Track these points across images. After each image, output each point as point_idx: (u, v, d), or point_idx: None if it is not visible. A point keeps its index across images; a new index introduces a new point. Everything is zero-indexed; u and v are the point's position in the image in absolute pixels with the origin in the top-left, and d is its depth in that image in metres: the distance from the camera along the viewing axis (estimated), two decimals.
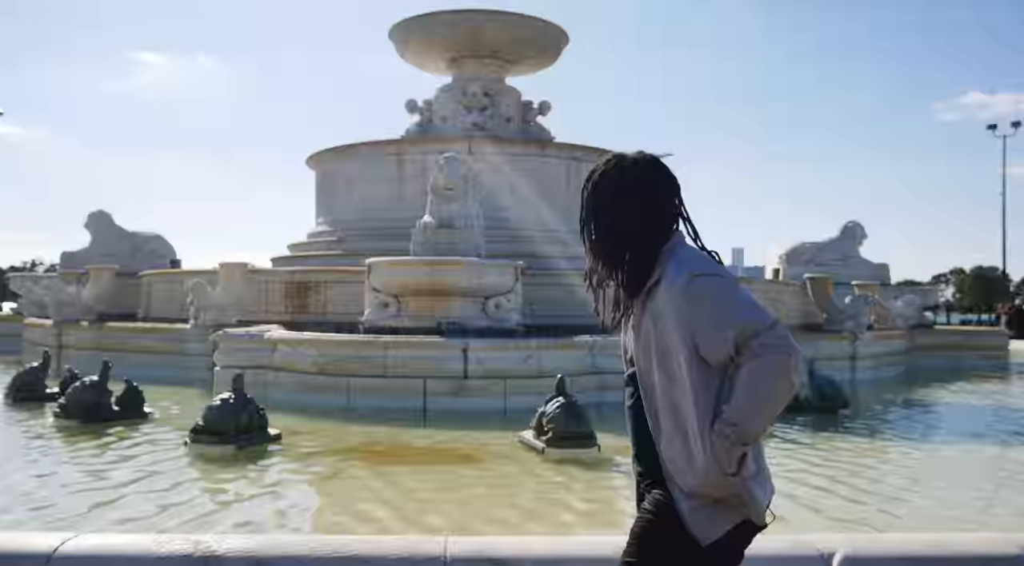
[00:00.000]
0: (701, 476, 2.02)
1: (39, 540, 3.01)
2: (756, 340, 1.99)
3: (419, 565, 2.94)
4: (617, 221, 2.18)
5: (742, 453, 1.99)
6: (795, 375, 2.00)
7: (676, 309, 2.07)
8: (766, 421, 2.02)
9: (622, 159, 2.23)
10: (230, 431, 6.29)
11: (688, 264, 2.11)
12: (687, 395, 2.06)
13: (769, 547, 3.16)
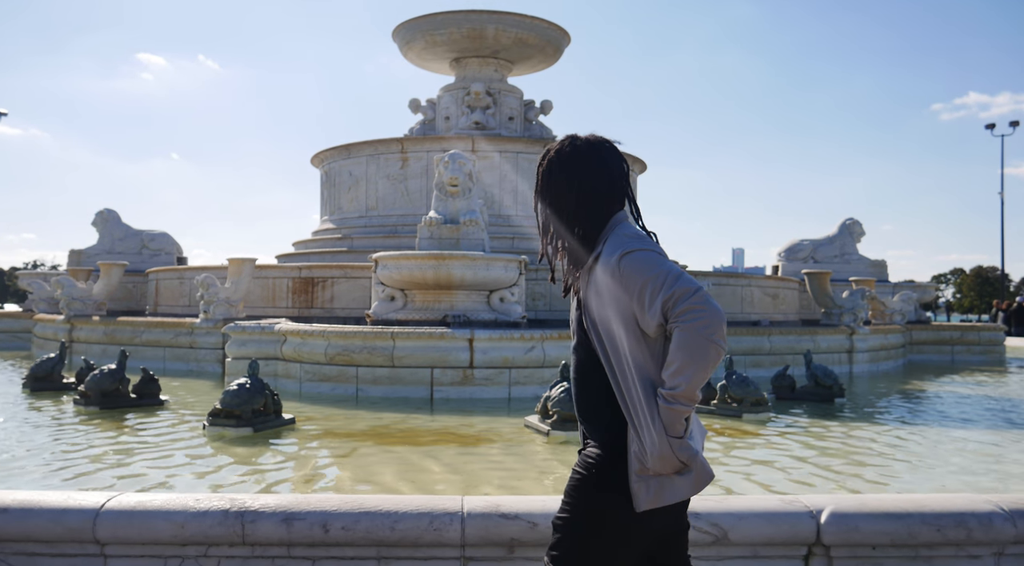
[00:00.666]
0: (648, 447, 2.17)
1: (87, 497, 3.26)
2: (681, 306, 2.15)
3: (438, 518, 3.19)
4: (566, 197, 2.36)
5: (686, 416, 2.19)
6: (719, 336, 2.15)
7: (611, 283, 2.23)
8: (700, 381, 2.17)
9: (574, 140, 2.42)
10: (247, 414, 6.53)
11: (624, 242, 2.27)
12: (628, 364, 2.22)
13: (760, 505, 3.42)
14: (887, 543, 3.29)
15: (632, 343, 2.23)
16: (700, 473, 2.24)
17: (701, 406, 8.29)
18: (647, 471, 2.20)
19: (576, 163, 2.38)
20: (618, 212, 2.39)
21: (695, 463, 2.22)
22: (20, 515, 3.15)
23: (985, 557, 3.37)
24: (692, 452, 2.21)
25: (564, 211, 2.36)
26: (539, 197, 2.43)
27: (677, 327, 2.16)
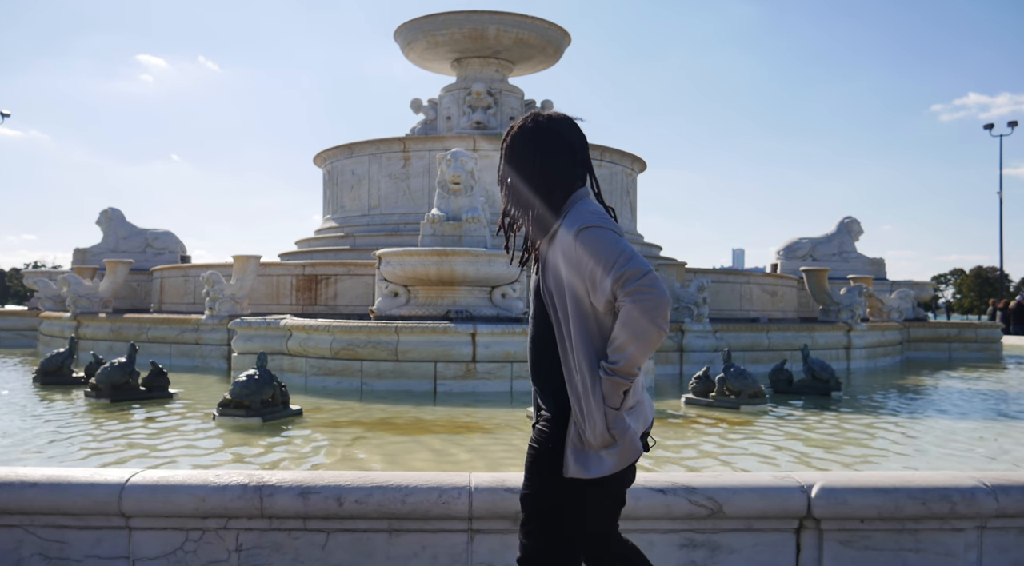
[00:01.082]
0: (586, 417, 2.32)
1: (113, 473, 3.42)
2: (631, 286, 2.26)
3: (447, 492, 3.35)
4: (529, 169, 2.47)
5: (625, 389, 2.32)
6: (662, 320, 2.28)
7: (567, 257, 2.35)
8: (641, 359, 2.31)
9: (537, 116, 2.54)
10: (256, 404, 6.69)
11: (583, 217, 2.38)
12: (576, 335, 2.34)
13: (754, 480, 3.59)
14: (875, 516, 3.45)
15: (581, 315, 2.35)
16: (628, 448, 2.35)
17: (699, 398, 8.46)
18: (581, 443, 2.35)
19: (540, 137, 2.49)
20: (580, 188, 2.51)
21: (624, 438, 2.34)
22: (49, 489, 3.31)
23: (968, 530, 3.53)
24: (624, 427, 2.34)
25: (528, 183, 2.47)
26: (503, 171, 2.54)
27: (624, 306, 2.28)
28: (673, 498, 3.39)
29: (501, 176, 2.55)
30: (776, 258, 20.66)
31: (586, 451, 2.35)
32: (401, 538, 3.39)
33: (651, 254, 18.18)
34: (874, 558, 3.49)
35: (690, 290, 12.51)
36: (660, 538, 3.45)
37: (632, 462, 2.41)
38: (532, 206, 2.48)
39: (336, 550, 3.38)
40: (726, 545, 3.47)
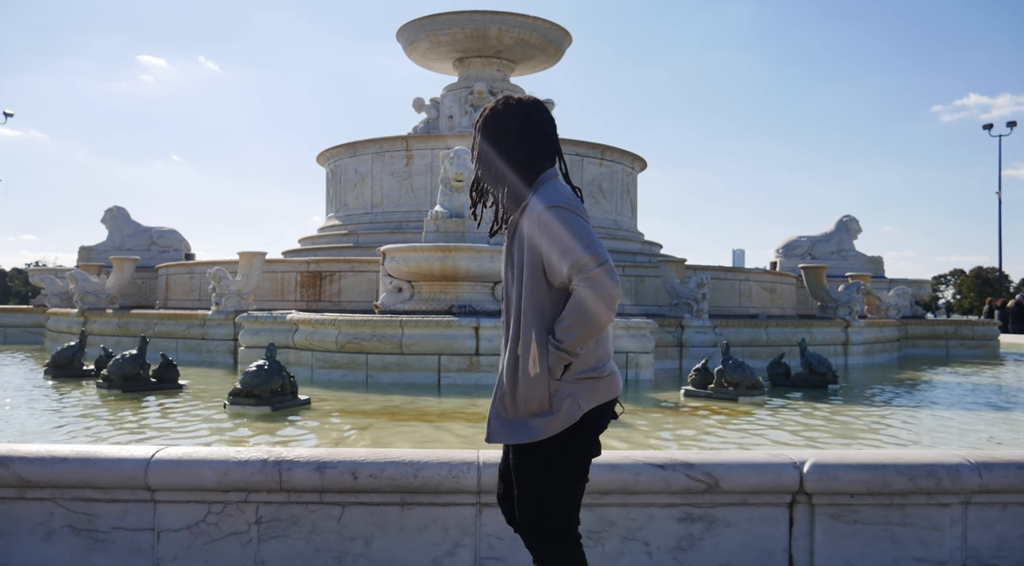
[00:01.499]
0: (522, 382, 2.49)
1: (139, 449, 3.59)
2: (586, 273, 2.40)
3: (457, 467, 3.52)
4: (502, 148, 2.61)
5: (567, 363, 2.48)
6: (610, 309, 2.44)
7: (532, 234, 2.50)
8: (586, 340, 2.47)
9: (508, 99, 2.69)
10: (266, 393, 6.86)
11: (549, 196, 2.52)
12: (532, 307, 2.50)
13: (749, 457, 3.76)
14: (864, 491, 3.61)
15: (538, 289, 2.51)
16: (565, 415, 2.49)
17: (698, 390, 8.63)
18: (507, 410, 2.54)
19: (512, 118, 2.63)
20: (548, 168, 2.65)
21: (563, 405, 2.49)
22: (78, 464, 3.48)
23: (954, 505, 3.70)
24: (562, 396, 2.49)
25: (502, 159, 2.61)
26: (478, 147, 2.67)
27: (577, 290, 2.43)
28: (672, 473, 3.56)
29: (476, 152, 2.69)
30: (775, 256, 20.83)
31: (514, 417, 2.54)
32: (413, 511, 3.56)
33: (651, 252, 18.34)
34: (864, 532, 3.65)
35: (689, 286, 12.68)
36: (659, 512, 3.62)
37: (567, 426, 2.52)
38: (505, 181, 2.63)
39: (351, 522, 3.54)
40: (722, 519, 3.64)
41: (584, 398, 2.53)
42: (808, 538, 3.66)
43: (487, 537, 3.58)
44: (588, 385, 2.54)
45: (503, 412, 2.57)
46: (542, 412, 2.50)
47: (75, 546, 3.51)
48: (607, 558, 3.61)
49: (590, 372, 2.54)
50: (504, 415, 2.56)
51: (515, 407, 2.54)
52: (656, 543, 3.61)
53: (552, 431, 2.50)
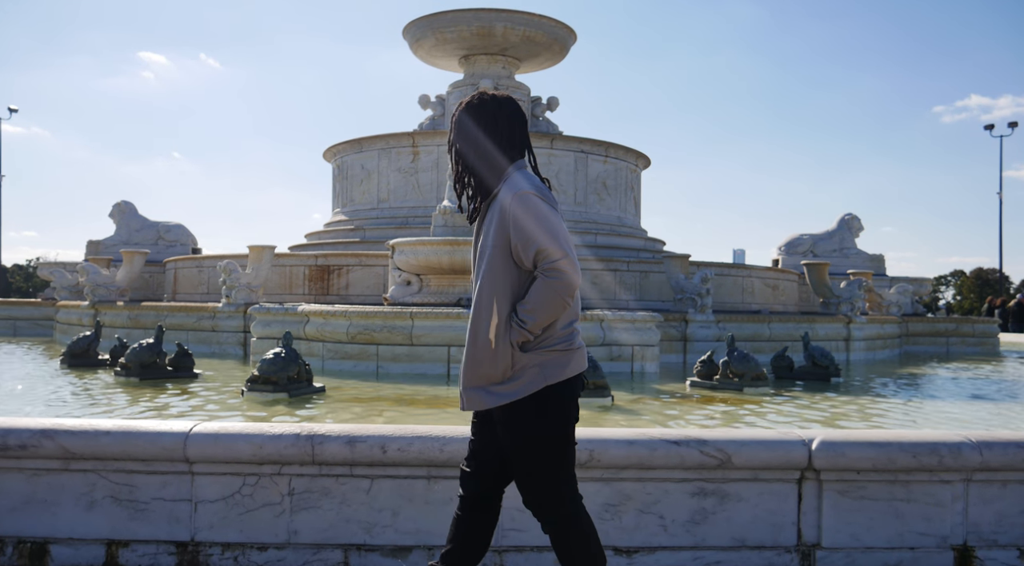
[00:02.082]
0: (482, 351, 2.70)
1: (177, 424, 3.75)
2: (547, 264, 2.63)
3: None
4: (475, 140, 2.82)
5: (525, 339, 2.70)
6: (568, 297, 2.66)
7: (503, 217, 2.71)
8: (545, 322, 2.69)
9: (483, 94, 2.91)
10: (283, 380, 7.03)
11: (521, 184, 2.74)
12: (498, 285, 2.71)
13: (759, 435, 3.93)
14: (870, 468, 3.78)
15: (507, 269, 2.71)
16: (527, 382, 2.71)
17: (704, 381, 8.80)
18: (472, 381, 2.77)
19: (487, 111, 2.84)
20: (519, 160, 2.86)
21: (525, 374, 2.71)
22: (120, 437, 3.64)
23: (955, 482, 3.86)
24: (523, 365, 2.71)
25: (475, 150, 2.82)
26: (453, 139, 2.89)
27: (539, 278, 2.66)
28: (686, 449, 3.72)
29: (451, 143, 2.90)
30: (778, 254, 21.00)
31: (478, 385, 2.77)
32: (439, 484, 3.72)
33: (654, 249, 18.50)
34: (869, 507, 3.82)
35: (694, 281, 12.84)
36: (674, 486, 3.78)
37: (528, 393, 2.72)
38: (479, 168, 2.84)
39: (379, 495, 3.71)
40: (734, 494, 3.80)
41: (551, 370, 2.74)
42: (816, 513, 3.82)
43: (509, 509, 3.72)
44: (556, 357, 2.75)
45: (468, 380, 2.80)
46: (503, 380, 2.73)
47: (116, 515, 3.67)
48: (624, 530, 3.77)
49: (558, 345, 2.76)
50: (469, 383, 2.80)
51: (481, 376, 2.76)
52: (671, 516, 3.78)
53: (513, 397, 2.73)
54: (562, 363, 2.76)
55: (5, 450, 3.61)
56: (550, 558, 3.73)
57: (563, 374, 2.77)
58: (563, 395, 2.79)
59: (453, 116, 2.90)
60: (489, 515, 3.00)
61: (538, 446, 2.79)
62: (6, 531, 3.67)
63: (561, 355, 2.76)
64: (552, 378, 2.74)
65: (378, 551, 3.71)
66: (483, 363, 2.74)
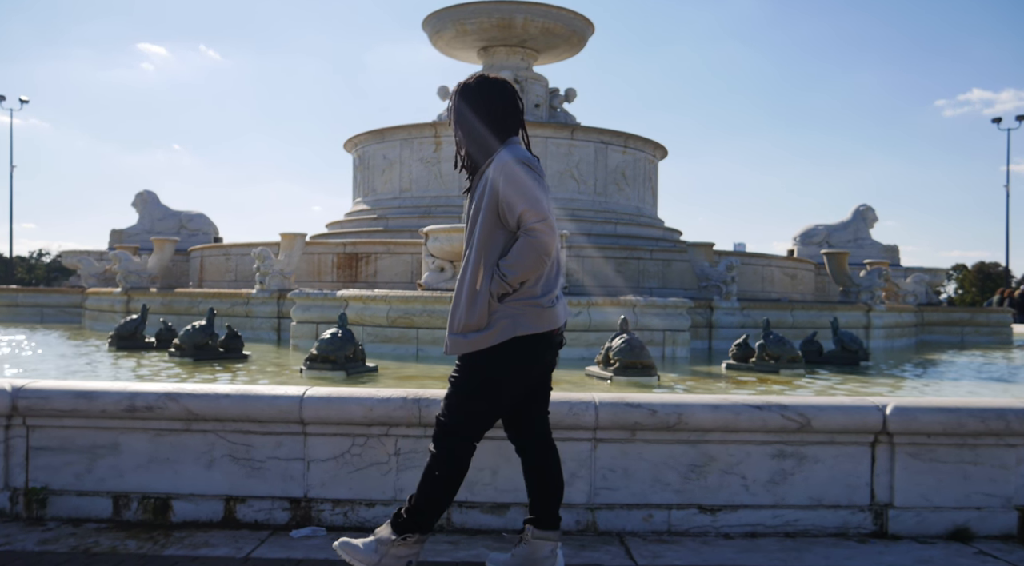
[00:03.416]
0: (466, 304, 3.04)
1: (291, 389, 3.98)
2: (529, 224, 2.96)
3: (577, 405, 3.91)
4: (476, 114, 3.19)
5: (504, 290, 3.02)
6: (546, 255, 2.97)
7: (495, 180, 3.06)
8: (524, 277, 3.00)
9: (482, 76, 3.29)
10: (340, 359, 7.26)
11: (506, 156, 3.09)
12: (486, 240, 3.06)
13: (836, 400, 4.16)
14: (940, 432, 4.00)
15: (493, 224, 3.06)
16: (499, 331, 3.03)
17: (739, 363, 9.03)
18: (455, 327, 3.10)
19: (484, 92, 3.21)
20: (513, 137, 3.22)
21: (499, 324, 3.03)
22: (239, 400, 3.87)
23: (1020, 446, 4.08)
24: (498, 317, 3.03)
25: (475, 121, 3.17)
26: (454, 116, 3.24)
27: (521, 237, 2.99)
28: (768, 413, 3.95)
29: (454, 116, 3.24)
30: (792, 244, 21.22)
31: (458, 332, 3.09)
32: None
33: (672, 238, 18.72)
34: (938, 469, 4.05)
35: (719, 269, 13.07)
36: (755, 449, 4.01)
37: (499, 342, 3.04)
38: (478, 139, 3.19)
39: (480, 454, 3.91)
40: (811, 456, 4.04)
41: (524, 322, 3.07)
42: (888, 474, 4.05)
43: (601, 469, 3.98)
44: (530, 311, 3.07)
45: (452, 327, 3.14)
46: (479, 329, 3.04)
47: (234, 473, 3.91)
48: (708, 490, 4.01)
49: (532, 299, 3.08)
50: (452, 330, 3.14)
51: (460, 322, 3.09)
52: (752, 477, 4.01)
53: (485, 343, 3.04)
54: (533, 317, 3.08)
55: (132, 411, 3.84)
56: (638, 515, 3.98)
57: (533, 328, 3.07)
58: (529, 349, 3.10)
59: (453, 95, 3.24)
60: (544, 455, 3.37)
61: (477, 390, 3.13)
62: (132, 487, 3.91)
63: (533, 310, 3.07)
64: (522, 330, 3.06)
65: (478, 508, 3.95)
66: (465, 311, 3.06)
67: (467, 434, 3.17)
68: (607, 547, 3.77)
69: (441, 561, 3.53)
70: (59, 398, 3.84)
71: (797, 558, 3.69)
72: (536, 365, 3.21)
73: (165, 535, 3.73)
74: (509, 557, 3.34)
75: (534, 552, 3.27)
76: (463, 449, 3.18)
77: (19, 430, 3.91)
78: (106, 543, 3.60)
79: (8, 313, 17.59)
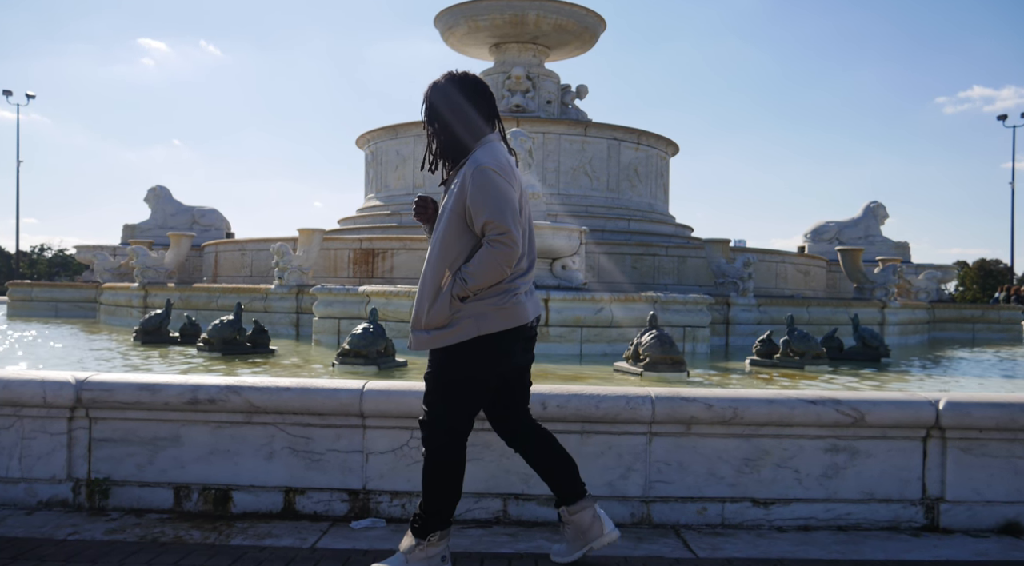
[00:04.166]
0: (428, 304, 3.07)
1: (350, 382, 4.01)
2: (493, 235, 2.97)
3: (634, 400, 3.94)
4: (450, 113, 3.16)
5: (464, 294, 3.04)
6: (507, 266, 2.99)
7: (462, 186, 3.06)
8: (483, 284, 3.01)
9: (452, 73, 3.25)
10: (372, 354, 7.30)
11: (484, 157, 3.07)
12: (450, 243, 3.06)
13: (889, 395, 4.19)
14: (992, 427, 4.04)
15: (457, 231, 3.07)
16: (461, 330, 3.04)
17: (763, 359, 9.07)
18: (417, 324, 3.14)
19: (456, 87, 3.17)
20: (490, 133, 3.20)
21: (461, 323, 3.04)
22: (300, 393, 3.90)
23: None
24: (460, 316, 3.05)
25: (447, 123, 3.16)
26: (427, 114, 3.20)
27: (484, 246, 2.99)
28: (823, 408, 3.99)
29: (427, 117, 3.21)
30: (803, 241, 21.25)
31: (421, 329, 3.13)
32: (591, 439, 3.99)
33: (683, 235, 18.76)
34: (990, 464, 4.08)
35: (736, 266, 13.10)
36: (808, 443, 4.05)
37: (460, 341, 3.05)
38: (447, 144, 3.18)
39: None
40: (864, 450, 4.07)
41: (486, 322, 3.08)
42: (940, 469, 4.09)
43: (656, 463, 4.02)
44: (491, 312, 3.08)
45: (415, 323, 3.18)
46: (441, 326, 3.07)
47: (293, 465, 3.95)
48: (761, 483, 4.04)
49: (498, 299, 3.08)
50: (414, 326, 3.18)
51: (422, 318, 3.13)
52: (805, 471, 4.05)
53: (447, 341, 3.07)
54: (496, 317, 3.10)
55: (195, 404, 3.87)
56: (692, 508, 4.01)
57: (496, 326, 3.08)
58: (494, 345, 3.12)
59: (426, 92, 3.20)
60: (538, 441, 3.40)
61: (455, 386, 3.15)
62: (192, 479, 3.94)
63: (496, 310, 3.09)
64: (485, 329, 3.08)
65: (534, 500, 3.99)
66: (428, 309, 3.10)
67: (451, 427, 3.18)
68: (664, 539, 3.81)
69: (503, 553, 3.57)
70: (123, 391, 3.87)
71: (854, 550, 3.73)
72: (504, 359, 3.19)
73: (228, 526, 3.77)
74: (564, 546, 3.40)
75: (580, 525, 3.34)
76: (453, 443, 3.20)
77: (82, 422, 3.95)
78: (171, 533, 3.64)
79: (23, 307, 17.64)
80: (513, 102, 19.14)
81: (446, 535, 3.23)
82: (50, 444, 3.93)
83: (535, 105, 19.34)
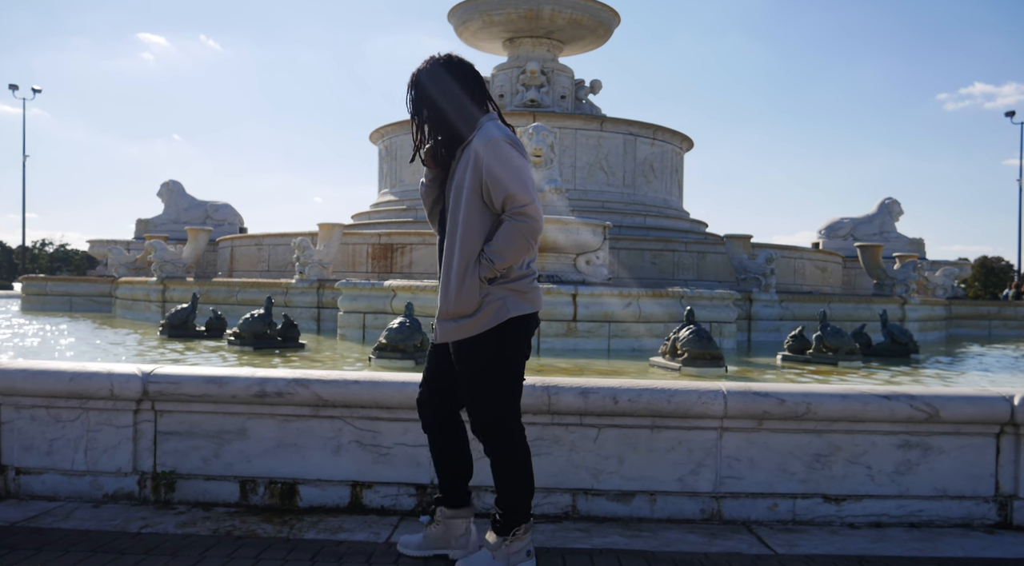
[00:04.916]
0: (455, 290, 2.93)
1: (417, 375, 3.96)
2: (515, 208, 2.88)
3: (706, 394, 3.89)
4: (445, 95, 3.05)
5: (492, 275, 2.94)
6: (533, 240, 2.91)
7: (476, 163, 2.95)
8: (510, 262, 2.92)
9: (437, 57, 3.13)
10: (409, 348, 7.25)
11: (492, 132, 2.99)
12: (470, 225, 2.94)
13: (962, 391, 4.14)
14: None
15: (477, 211, 2.95)
16: (489, 316, 2.96)
17: (795, 355, 9.01)
18: (446, 314, 3.00)
19: (455, 69, 3.07)
20: (485, 113, 3.10)
21: (489, 307, 2.95)
22: (368, 386, 3.85)
23: None
24: (489, 300, 2.95)
25: (443, 106, 3.03)
26: (416, 99, 3.07)
27: (507, 221, 2.91)
28: (896, 404, 3.93)
29: (416, 102, 3.08)
30: (817, 237, 21.19)
31: (450, 319, 3.00)
32: (661, 434, 3.94)
33: (699, 230, 18.68)
34: None
35: (758, 261, 13.04)
36: (881, 439, 4.00)
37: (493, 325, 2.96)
38: (451, 120, 3.05)
39: (605, 443, 3.92)
40: (936, 446, 4.02)
41: (513, 304, 3.01)
42: (1013, 465, 4.03)
43: (727, 458, 3.96)
44: (517, 294, 3.01)
45: (444, 315, 3.05)
46: (471, 314, 2.95)
47: (361, 459, 3.90)
48: (833, 479, 3.99)
49: (519, 283, 3.02)
50: (444, 318, 3.05)
51: (452, 308, 3.00)
52: (877, 467, 3.99)
53: (479, 329, 2.96)
54: (522, 298, 3.03)
55: (262, 397, 3.82)
56: (763, 504, 3.97)
57: (522, 309, 3.02)
58: (519, 330, 3.04)
59: (412, 79, 3.09)
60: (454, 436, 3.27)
61: (491, 374, 3.04)
62: (259, 472, 3.89)
63: (521, 293, 3.02)
64: (513, 311, 3.00)
65: (603, 496, 3.94)
66: (455, 296, 2.97)
67: (509, 415, 3.10)
68: (738, 535, 3.76)
69: (580, 548, 3.52)
70: (189, 383, 3.82)
71: (932, 548, 3.68)
72: (526, 343, 3.12)
73: (297, 519, 3.72)
74: (419, 540, 3.28)
75: (450, 530, 3.25)
76: (518, 431, 3.13)
77: (147, 415, 3.90)
78: (243, 527, 3.59)
79: (37, 302, 17.59)
80: (528, 97, 19.06)
81: (530, 528, 3.18)
82: (116, 437, 3.88)
83: (550, 100, 19.26)
